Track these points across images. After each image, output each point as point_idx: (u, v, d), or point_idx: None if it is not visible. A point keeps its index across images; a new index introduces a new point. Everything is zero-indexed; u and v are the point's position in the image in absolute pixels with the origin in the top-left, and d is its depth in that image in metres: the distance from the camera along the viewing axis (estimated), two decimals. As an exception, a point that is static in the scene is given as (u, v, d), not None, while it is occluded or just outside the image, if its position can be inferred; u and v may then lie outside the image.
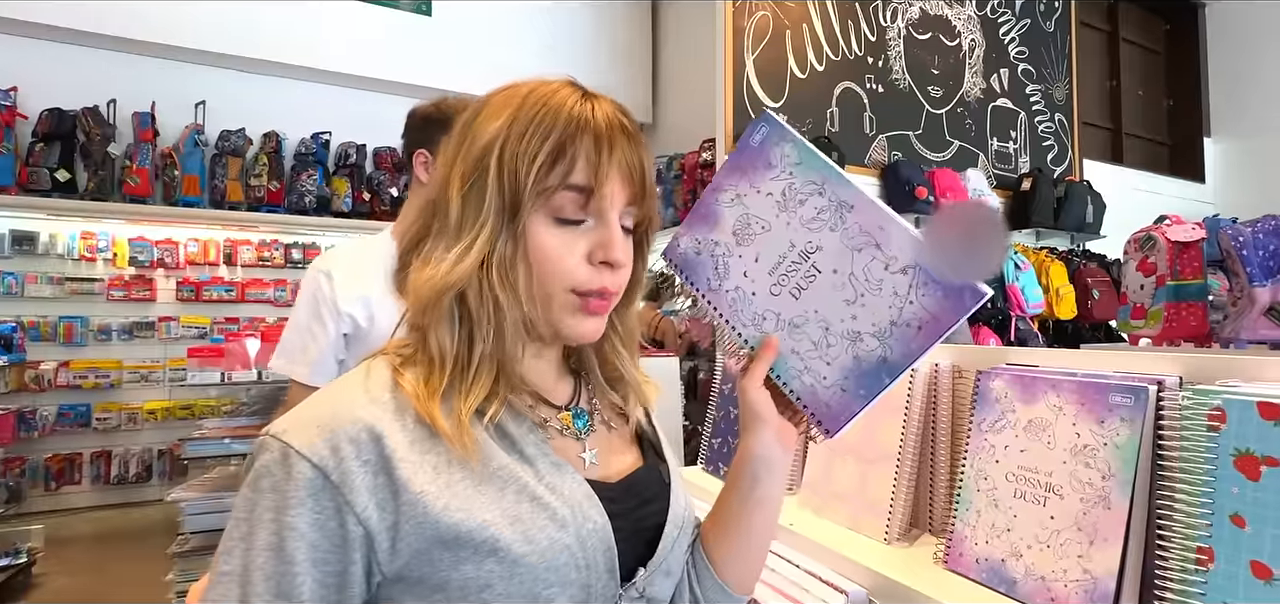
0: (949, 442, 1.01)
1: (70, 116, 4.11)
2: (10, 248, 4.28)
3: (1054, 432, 0.78)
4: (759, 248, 0.63)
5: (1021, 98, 3.79)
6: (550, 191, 0.52)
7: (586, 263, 0.54)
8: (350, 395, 0.51)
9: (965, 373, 1.02)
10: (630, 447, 0.65)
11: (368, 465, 0.47)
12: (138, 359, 4.57)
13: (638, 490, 0.60)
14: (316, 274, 1.32)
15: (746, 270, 0.64)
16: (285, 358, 1.31)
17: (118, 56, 4.30)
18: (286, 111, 4.67)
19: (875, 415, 1.04)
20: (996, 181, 3.59)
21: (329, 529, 0.46)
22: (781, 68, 3.05)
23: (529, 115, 0.53)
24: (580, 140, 0.53)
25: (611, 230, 0.55)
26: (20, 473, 4.09)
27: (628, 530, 0.56)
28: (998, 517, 0.81)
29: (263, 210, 4.54)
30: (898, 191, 3.15)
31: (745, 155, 0.66)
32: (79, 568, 3.63)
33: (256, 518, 0.46)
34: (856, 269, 0.60)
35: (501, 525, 0.49)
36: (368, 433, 0.48)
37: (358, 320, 1.29)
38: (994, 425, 0.85)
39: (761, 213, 0.64)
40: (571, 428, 0.59)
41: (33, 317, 4.30)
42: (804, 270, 0.62)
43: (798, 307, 0.62)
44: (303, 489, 0.46)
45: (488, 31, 5.01)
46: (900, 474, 1.00)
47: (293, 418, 0.49)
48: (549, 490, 0.52)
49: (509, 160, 0.52)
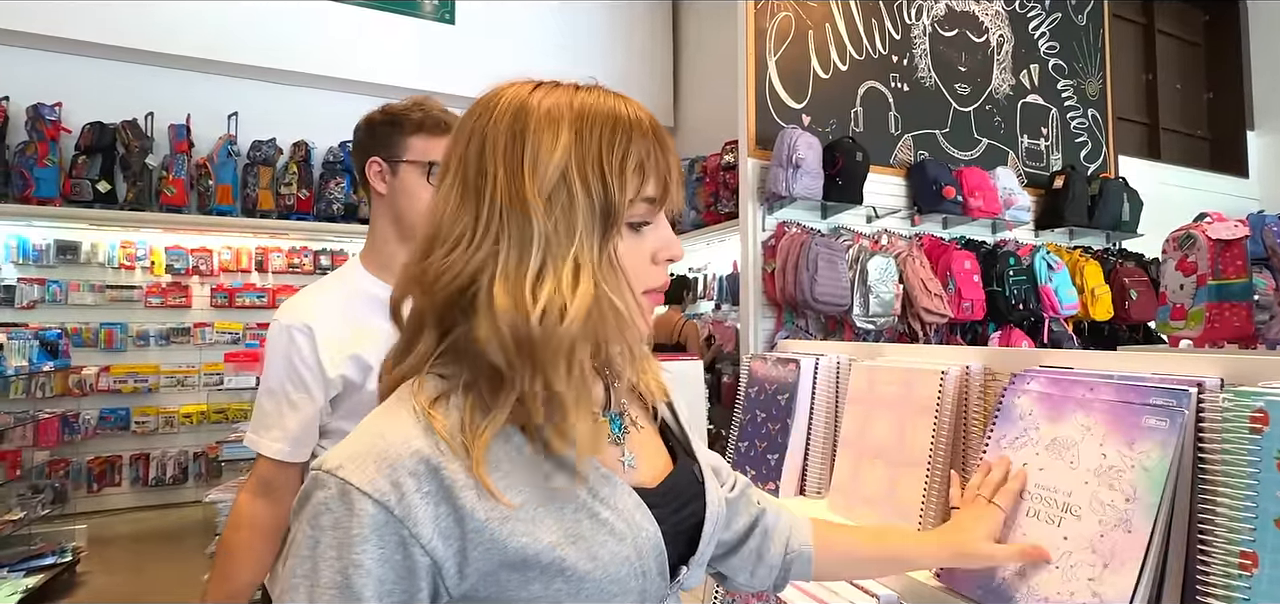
0: (981, 446, 0.98)
1: (110, 130, 4.25)
2: (55, 257, 4.45)
3: (1079, 452, 0.75)
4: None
5: (1053, 93, 3.69)
6: (632, 204, 0.54)
7: (651, 264, 0.57)
8: (403, 424, 0.49)
9: (997, 376, 0.99)
10: (659, 445, 0.65)
11: (429, 497, 0.47)
12: (174, 364, 4.71)
13: (677, 493, 0.61)
14: (290, 331, 1.10)
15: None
16: (259, 430, 1.12)
17: (155, 71, 4.45)
18: (315, 121, 4.78)
19: (905, 418, 1.05)
20: (1027, 180, 3.50)
21: (394, 562, 0.46)
22: (804, 68, 3.01)
23: (598, 124, 0.53)
24: (655, 152, 0.54)
25: (666, 228, 0.58)
26: (64, 474, 4.24)
27: (670, 533, 0.57)
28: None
29: (293, 218, 4.65)
30: (925, 191, 3.09)
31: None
32: (119, 567, 3.74)
33: (319, 556, 0.46)
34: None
35: (565, 546, 0.50)
36: (425, 465, 0.47)
37: (350, 379, 1.11)
38: (1013, 442, 0.82)
39: None
40: (609, 433, 0.60)
41: (76, 323, 4.46)
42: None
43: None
44: (366, 526, 0.45)
45: (510, 38, 5.06)
46: (931, 478, 0.98)
47: (347, 452, 0.48)
48: (605, 506, 0.53)
49: (595, 173, 0.51)
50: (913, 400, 1.04)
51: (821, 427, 1.28)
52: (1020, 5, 3.62)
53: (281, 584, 0.48)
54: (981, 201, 3.14)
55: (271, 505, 1.12)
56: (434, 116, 1.20)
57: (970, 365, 1.01)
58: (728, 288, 4.11)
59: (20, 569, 3.31)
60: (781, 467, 1.28)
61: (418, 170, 1.18)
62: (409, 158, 1.19)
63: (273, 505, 1.12)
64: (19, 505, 3.50)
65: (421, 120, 1.19)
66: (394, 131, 1.19)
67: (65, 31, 4.10)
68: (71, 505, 4.19)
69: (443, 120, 1.20)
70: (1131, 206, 3.58)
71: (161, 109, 4.45)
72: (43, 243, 4.41)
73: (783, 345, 1.53)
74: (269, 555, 1.13)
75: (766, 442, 1.32)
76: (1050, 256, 3.18)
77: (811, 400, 1.29)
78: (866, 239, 2.93)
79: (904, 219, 3.14)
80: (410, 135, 1.19)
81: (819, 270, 2.67)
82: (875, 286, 2.78)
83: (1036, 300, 3.10)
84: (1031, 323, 3.15)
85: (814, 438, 1.28)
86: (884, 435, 1.08)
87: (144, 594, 3.40)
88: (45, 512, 3.66)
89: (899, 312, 2.84)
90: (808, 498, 1.26)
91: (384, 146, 1.19)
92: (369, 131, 1.22)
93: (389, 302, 0.59)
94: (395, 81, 4.70)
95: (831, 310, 2.75)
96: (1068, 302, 3.13)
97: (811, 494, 1.26)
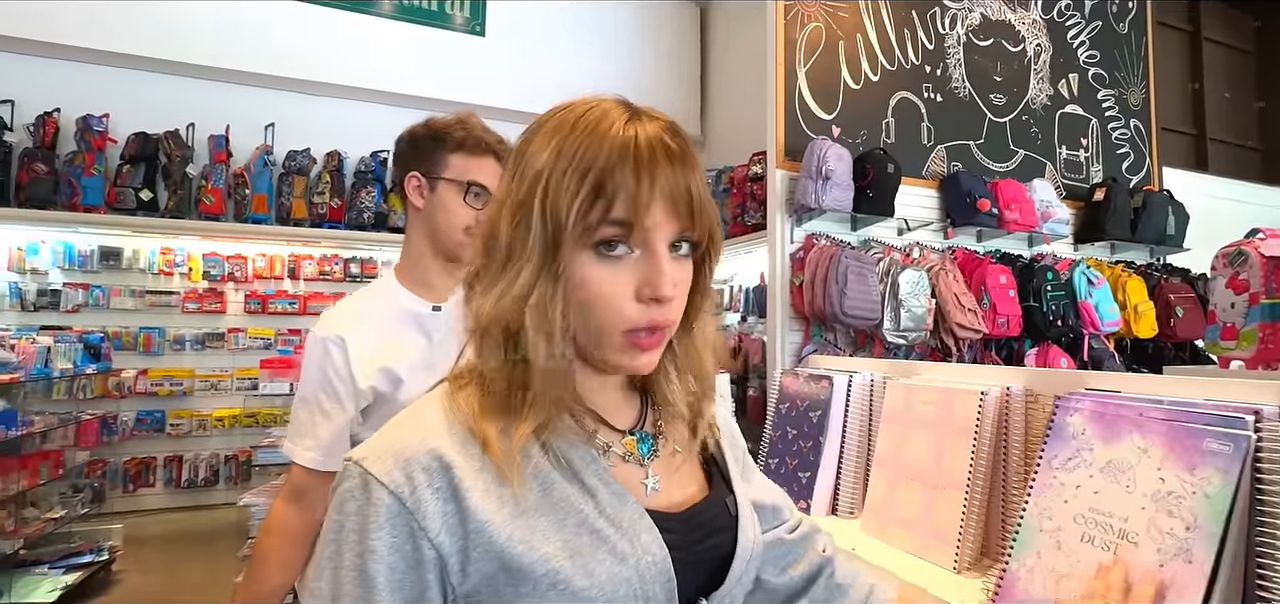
0: (1022, 469, 0.96)
1: (154, 140, 4.39)
2: (98, 263, 4.59)
3: (1135, 475, 0.72)
4: None
5: (1093, 103, 3.58)
6: (592, 228, 0.51)
7: (635, 300, 0.53)
8: (423, 423, 0.53)
9: (1039, 398, 0.96)
10: (695, 473, 0.63)
11: (439, 493, 0.49)
12: (208, 368, 4.82)
13: (700, 522, 0.59)
14: (325, 342, 1.13)
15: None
16: (294, 439, 1.14)
17: (197, 83, 4.59)
18: (348, 131, 4.88)
19: (943, 439, 1.03)
20: (1066, 192, 3.40)
21: (405, 551, 0.48)
22: (835, 79, 2.97)
23: (573, 147, 0.52)
24: (620, 172, 0.51)
25: (659, 263, 0.53)
26: (102, 475, 4.36)
27: (688, 561, 0.55)
28: (1059, 560, 0.75)
29: (325, 226, 4.74)
30: (959, 204, 3.02)
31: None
32: (152, 567, 3.82)
33: (343, 539, 0.50)
34: None
35: (561, 558, 0.50)
36: (438, 462, 0.50)
37: (381, 391, 1.13)
38: (1066, 463, 0.79)
39: None
40: (635, 453, 0.59)
41: (117, 327, 4.59)
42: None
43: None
44: (382, 515, 0.49)
45: (539, 50, 5.11)
46: (970, 501, 0.96)
47: (372, 446, 0.52)
48: (609, 523, 0.52)
49: (552, 196, 0.51)
50: (951, 421, 1.02)
51: (855, 445, 1.25)
52: (1058, 13, 3.52)
53: (312, 563, 0.52)
54: (1018, 214, 3.05)
55: (303, 512, 1.14)
56: (475, 136, 1.20)
57: (1011, 386, 0.98)
58: (754, 300, 4.06)
59: (60, 566, 3.40)
60: (813, 485, 1.26)
61: (455, 189, 1.18)
62: (448, 175, 1.19)
63: (304, 512, 1.14)
64: (60, 504, 3.61)
65: (463, 139, 1.19)
66: (436, 147, 1.20)
67: (114, 46, 4.25)
68: (108, 505, 4.30)
69: (484, 140, 1.20)
70: (1177, 220, 3.45)
71: (202, 120, 4.58)
72: (87, 249, 4.56)
73: (813, 360, 1.51)
74: (299, 560, 1.14)
75: (798, 459, 1.30)
76: (1090, 271, 3.07)
77: (845, 418, 1.28)
78: (898, 252, 2.86)
79: (937, 232, 3.07)
80: (451, 153, 1.19)
81: (849, 283, 2.62)
82: (907, 301, 2.71)
83: (1075, 316, 3.00)
84: (1070, 339, 3.04)
85: (846, 456, 1.26)
86: (921, 456, 1.06)
87: (177, 595, 3.47)
88: (84, 511, 3.76)
89: (931, 326, 2.77)
90: (840, 517, 1.24)
91: (424, 161, 1.20)
92: (411, 145, 1.22)
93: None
94: (427, 93, 4.78)
95: (861, 324, 2.69)
96: (1109, 318, 3.02)
97: (844, 514, 1.24)
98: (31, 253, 4.39)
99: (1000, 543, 0.95)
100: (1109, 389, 0.84)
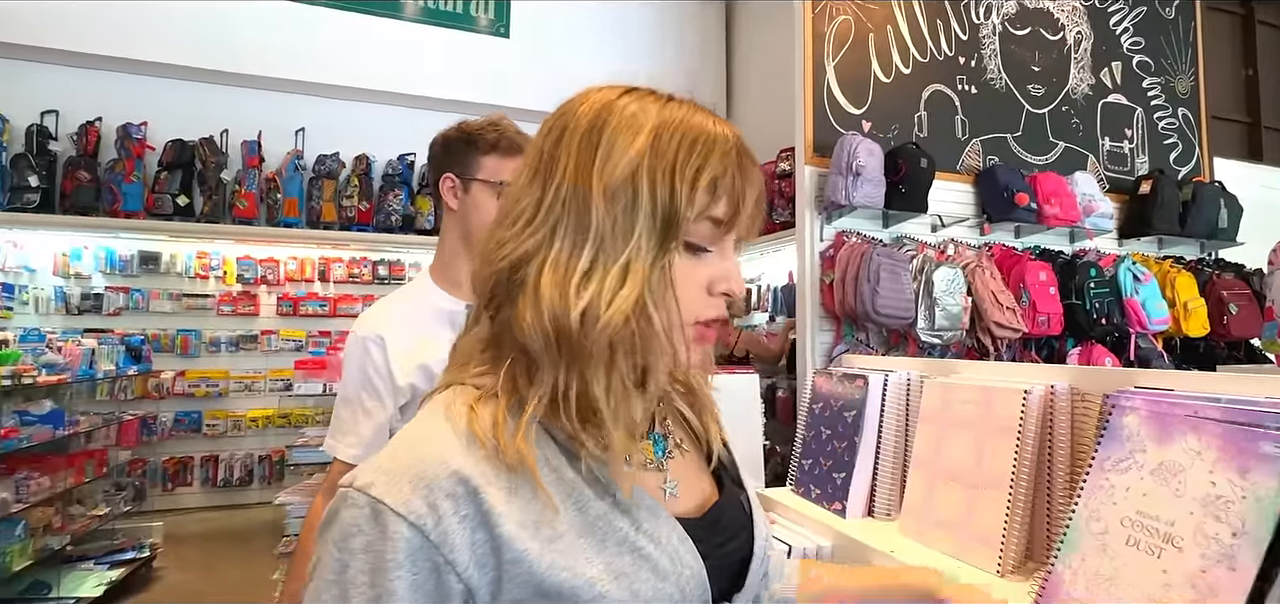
0: (1068, 470, 0.93)
1: (190, 146, 4.51)
2: (138, 267, 4.73)
3: (1186, 478, 0.69)
4: None
5: (1137, 92, 3.43)
6: (696, 221, 0.50)
7: (706, 293, 0.53)
8: (440, 441, 0.47)
9: (1086, 397, 0.93)
10: (703, 471, 0.61)
11: (467, 522, 0.44)
12: (243, 370, 4.93)
13: (722, 525, 0.57)
14: (364, 341, 1.16)
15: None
16: (336, 436, 1.17)
17: (231, 90, 4.69)
18: (375, 135, 4.94)
19: (985, 440, 1.00)
20: (1110, 185, 3.26)
21: (427, 590, 0.43)
22: (865, 72, 2.90)
23: (679, 137, 0.50)
24: (731, 174, 0.51)
25: (732, 261, 0.54)
26: (142, 474, 4.49)
27: (714, 567, 0.54)
28: (1103, 563, 0.73)
29: (354, 229, 4.80)
30: (995, 198, 2.92)
31: None
32: (191, 565, 3.92)
33: (349, 581, 0.43)
34: None
35: (606, 581, 0.47)
36: (464, 486, 0.45)
37: (419, 389, 1.15)
38: (1119, 464, 0.77)
39: None
40: (652, 458, 0.57)
41: (156, 329, 4.72)
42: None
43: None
44: (400, 551, 0.43)
45: (563, 50, 5.11)
46: (1014, 503, 0.92)
47: (378, 469, 0.45)
48: (649, 540, 0.50)
49: (664, 180, 0.49)
50: (992, 420, 1.00)
51: (891, 446, 1.23)
52: (1100, 0, 3.39)
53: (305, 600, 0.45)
54: (1058, 209, 2.94)
55: None
56: (508, 138, 1.23)
57: (1056, 385, 0.95)
58: (783, 299, 3.99)
59: (104, 562, 3.51)
60: (848, 486, 1.23)
61: (489, 190, 1.21)
62: (481, 177, 1.22)
63: None
64: (103, 501, 3.71)
65: (495, 140, 1.22)
66: (468, 150, 1.23)
67: (152, 55, 4.37)
68: (149, 503, 4.42)
69: (516, 142, 1.23)
70: (1229, 212, 3.29)
71: (235, 126, 4.69)
72: (128, 254, 4.70)
73: (847, 360, 1.48)
74: None
75: (832, 460, 1.28)
76: (1136, 267, 2.94)
77: (880, 418, 1.25)
78: (932, 249, 2.78)
79: (972, 228, 2.97)
80: (484, 155, 1.22)
81: (881, 282, 2.55)
82: (941, 299, 2.63)
83: (1121, 314, 2.88)
84: (1115, 338, 2.92)
85: (883, 457, 1.24)
86: (960, 457, 1.04)
87: (215, 592, 3.55)
88: (126, 509, 3.87)
89: (967, 325, 2.68)
90: (876, 519, 1.21)
91: (458, 163, 1.23)
92: (444, 148, 1.25)
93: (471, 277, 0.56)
94: (453, 96, 4.81)
95: (894, 324, 2.62)
96: (1157, 316, 2.89)
97: (880, 516, 1.21)
98: (75, 258, 4.54)
99: (1045, 546, 0.93)
100: (1161, 388, 0.81)
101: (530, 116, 3.93)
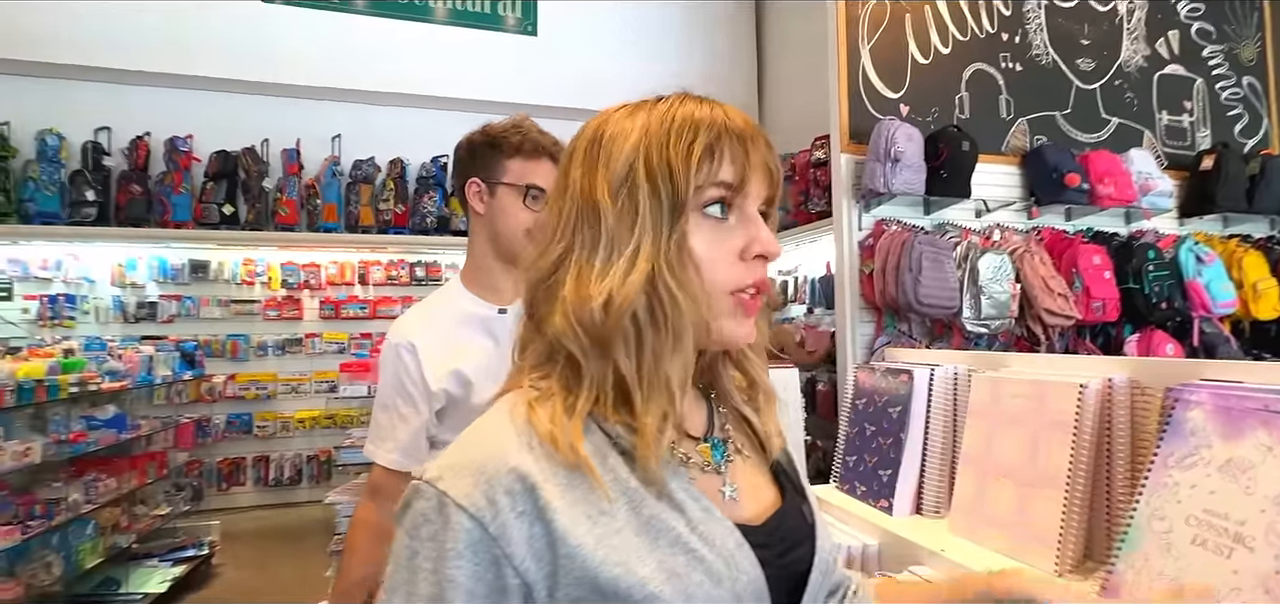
0: (1128, 467, 0.90)
1: (233, 157, 4.64)
2: (189, 275, 4.90)
3: (1256, 475, 0.67)
4: None
5: (1197, 62, 3.24)
6: (701, 190, 0.52)
7: (739, 261, 0.54)
8: (501, 439, 0.50)
9: (1147, 390, 0.90)
10: (765, 476, 0.61)
11: (524, 517, 0.46)
12: (289, 372, 5.08)
13: (783, 533, 0.57)
14: (397, 348, 1.17)
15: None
16: (375, 441, 1.19)
17: (269, 100, 4.82)
18: (409, 138, 5.01)
19: (1038, 436, 0.97)
20: (1168, 161, 3.09)
21: (487, 580, 0.46)
22: (902, 54, 2.80)
23: (666, 123, 0.53)
24: (726, 138, 0.53)
25: (759, 224, 0.55)
26: (199, 474, 4.67)
27: (774, 577, 0.53)
28: (1168, 563, 0.71)
29: (390, 232, 4.89)
30: (1044, 180, 2.79)
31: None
32: (247, 562, 4.06)
33: (416, 568, 0.46)
34: None
35: (659, 581, 0.47)
36: (521, 483, 0.47)
37: (452, 394, 1.17)
38: (1182, 461, 0.74)
39: None
40: (711, 461, 0.57)
41: (207, 335, 4.90)
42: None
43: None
44: (461, 541, 0.46)
45: (591, 46, 5.09)
46: (1071, 500, 0.90)
47: (447, 464, 0.49)
48: (703, 541, 0.50)
49: (660, 162, 0.52)
50: (1046, 415, 0.97)
51: (939, 442, 1.20)
52: (1155, -35, 3.21)
53: (382, 594, 0.49)
54: (1112, 188, 2.80)
55: (383, 509, 1.20)
56: (532, 140, 1.22)
57: (1114, 378, 0.92)
58: (820, 291, 3.91)
59: (167, 559, 3.67)
60: (895, 484, 1.21)
61: (515, 193, 1.21)
62: (507, 180, 1.21)
63: (385, 509, 1.20)
64: (164, 501, 3.88)
65: (520, 143, 1.21)
66: (493, 154, 1.22)
67: (195, 70, 4.52)
68: (206, 503, 4.60)
69: (540, 143, 1.23)
70: (1301, 186, 3.09)
71: (275, 135, 4.81)
72: (179, 262, 4.87)
73: (890, 354, 1.46)
74: (381, 555, 1.19)
75: (877, 457, 1.26)
76: (1199, 248, 2.79)
77: (927, 414, 1.22)
78: (976, 235, 2.68)
79: (1020, 212, 2.86)
80: (508, 158, 1.21)
81: (923, 271, 2.47)
82: (987, 287, 2.54)
83: (1182, 298, 2.73)
84: (1177, 324, 2.77)
85: (930, 454, 1.21)
86: (1013, 453, 1.01)
87: (271, 589, 3.67)
88: (185, 508, 4.04)
89: (1016, 314, 2.58)
90: (924, 517, 1.19)
91: (483, 168, 1.23)
92: (469, 152, 1.25)
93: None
94: (482, 96, 4.84)
95: (938, 313, 2.54)
96: (1223, 298, 2.74)
97: (929, 514, 1.19)
98: (130, 268, 4.73)
99: (1105, 545, 0.90)
100: (1230, 380, 0.77)
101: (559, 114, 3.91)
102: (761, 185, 0.55)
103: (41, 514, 2.82)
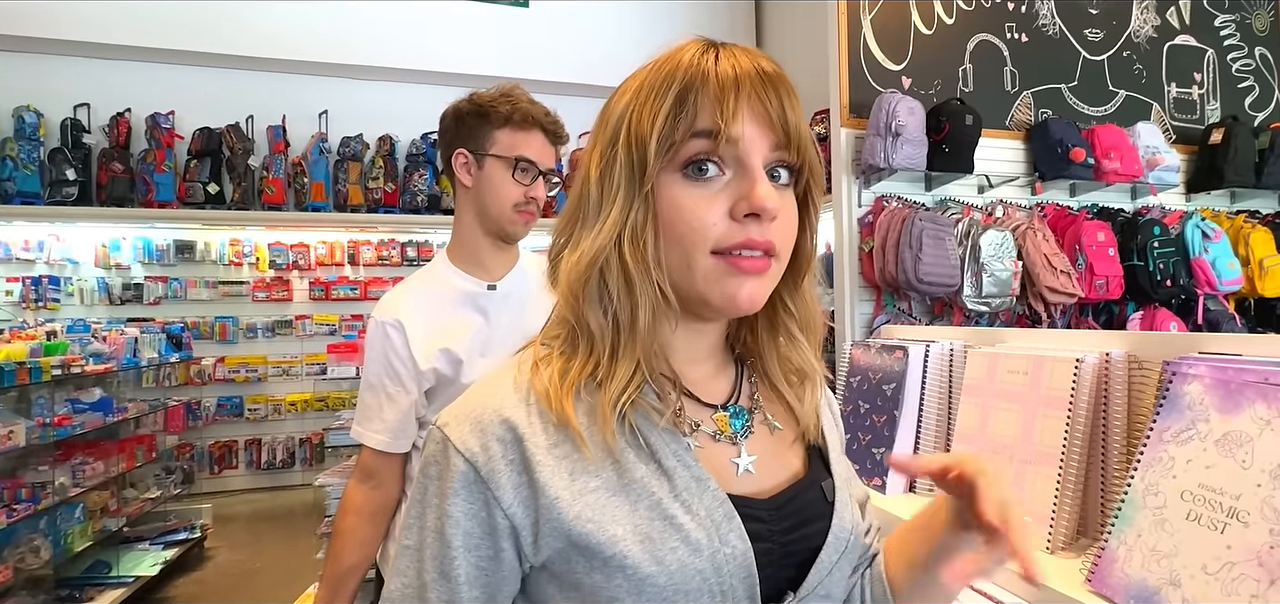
0: (1124, 442, 0.88)
1: (217, 134, 4.53)
2: (175, 256, 4.81)
3: (1254, 449, 0.66)
4: None
5: (1208, 32, 3.15)
6: (677, 145, 0.49)
7: (727, 218, 0.50)
8: (501, 392, 0.52)
9: (1145, 365, 0.88)
10: (794, 452, 0.58)
11: (512, 464, 0.49)
12: (279, 354, 5.01)
13: (793, 509, 0.54)
14: (384, 326, 1.13)
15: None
16: (362, 422, 1.16)
17: (252, 75, 4.69)
18: (398, 114, 4.90)
19: (1034, 412, 0.95)
20: (1177, 135, 3.02)
21: (480, 518, 0.49)
22: (904, 25, 2.71)
23: (653, 79, 0.51)
24: (702, 85, 0.49)
25: (755, 177, 0.49)
26: (190, 457, 4.62)
27: (776, 553, 0.52)
28: (1161, 539, 0.71)
29: (380, 211, 4.79)
30: (1048, 154, 2.72)
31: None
32: (240, 544, 4.03)
33: (427, 501, 0.51)
34: None
35: (630, 542, 0.48)
36: (511, 432, 0.50)
37: (442, 372, 1.14)
38: (1179, 435, 0.74)
39: None
40: (727, 431, 0.55)
41: (194, 317, 4.82)
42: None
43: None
44: (457, 480, 0.49)
45: (583, 18, 4.96)
46: (1065, 477, 0.89)
47: (454, 410, 0.52)
48: (684, 509, 0.49)
49: (634, 124, 0.50)
50: (1041, 391, 0.96)
51: (933, 419, 1.18)
52: (1166, -69, 3.11)
53: (404, 520, 0.53)
54: (1118, 163, 2.73)
55: (374, 491, 1.17)
56: (522, 109, 1.17)
57: (1111, 352, 0.90)
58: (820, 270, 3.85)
59: (159, 543, 3.63)
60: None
61: (504, 165, 1.16)
62: (495, 151, 1.17)
63: (376, 491, 1.18)
64: (155, 485, 3.83)
65: (509, 113, 1.16)
66: (481, 123, 1.17)
67: (174, 43, 4.38)
68: (197, 486, 4.56)
69: (531, 114, 1.18)
70: (1312, 161, 3.02)
71: (260, 111, 4.69)
72: (164, 243, 4.78)
73: (887, 331, 1.43)
74: (374, 537, 1.19)
75: (871, 435, 1.24)
76: (1205, 224, 2.73)
77: (922, 391, 1.20)
78: (978, 212, 2.61)
79: (1023, 187, 2.79)
80: (497, 128, 1.17)
81: (924, 248, 2.41)
82: (989, 264, 2.48)
83: (1188, 275, 2.68)
84: (1182, 301, 2.72)
85: (924, 431, 1.19)
86: (1008, 430, 1.00)
87: (264, 570, 3.65)
88: (176, 491, 3.99)
89: (1017, 291, 2.52)
90: (918, 495, 1.17)
91: (471, 138, 1.18)
92: (456, 121, 1.19)
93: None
94: (473, 70, 4.71)
95: (939, 291, 2.48)
96: (1229, 276, 2.68)
97: (923, 491, 1.17)
98: (114, 249, 4.64)
99: (1098, 522, 0.89)
100: (1227, 353, 0.76)
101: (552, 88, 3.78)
102: (759, 135, 0.50)
103: (28, 498, 2.78)
